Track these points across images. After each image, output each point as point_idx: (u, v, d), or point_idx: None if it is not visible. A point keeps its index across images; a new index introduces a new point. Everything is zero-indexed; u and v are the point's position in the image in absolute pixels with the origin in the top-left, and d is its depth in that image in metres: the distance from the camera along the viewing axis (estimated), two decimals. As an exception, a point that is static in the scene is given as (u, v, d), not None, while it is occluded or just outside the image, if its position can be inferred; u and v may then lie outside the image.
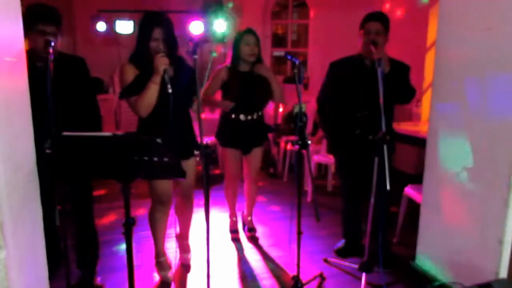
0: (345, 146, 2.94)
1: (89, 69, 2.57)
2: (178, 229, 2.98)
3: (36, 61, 2.27)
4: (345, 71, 2.89)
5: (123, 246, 1.86)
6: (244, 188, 3.36)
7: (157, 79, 2.35)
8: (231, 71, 3.05)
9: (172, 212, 2.75)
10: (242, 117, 3.05)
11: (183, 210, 2.86)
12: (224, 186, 3.36)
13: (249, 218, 3.46)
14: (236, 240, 3.37)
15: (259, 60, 3.07)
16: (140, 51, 2.45)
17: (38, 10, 2.28)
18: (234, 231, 3.46)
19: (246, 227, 3.49)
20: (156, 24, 2.40)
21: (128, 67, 2.44)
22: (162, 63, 2.33)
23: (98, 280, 2.72)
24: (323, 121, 3.13)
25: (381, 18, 2.74)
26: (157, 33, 2.39)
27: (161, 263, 2.80)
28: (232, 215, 3.48)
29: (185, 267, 2.89)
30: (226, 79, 3.05)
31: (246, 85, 3.02)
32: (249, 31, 3.04)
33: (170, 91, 2.33)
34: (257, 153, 3.20)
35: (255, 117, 3.09)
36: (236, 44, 3.02)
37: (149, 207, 2.72)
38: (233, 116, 3.06)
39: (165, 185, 2.61)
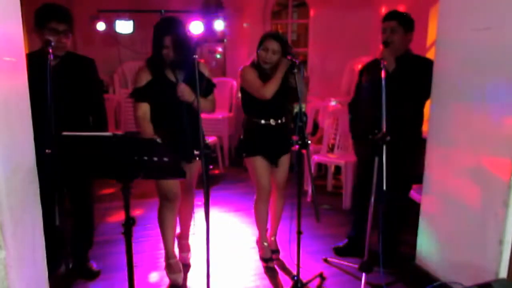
0: (366, 148, 2.90)
1: (97, 71, 2.64)
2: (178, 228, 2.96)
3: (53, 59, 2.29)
4: (367, 73, 2.90)
5: (123, 246, 1.87)
6: (270, 203, 2.98)
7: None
8: (259, 71, 2.74)
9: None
10: (272, 121, 2.77)
11: (183, 208, 2.84)
12: (255, 202, 2.93)
13: (272, 238, 3.10)
14: (271, 269, 2.91)
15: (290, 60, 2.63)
16: (155, 56, 2.51)
17: (51, 8, 2.36)
18: (267, 259, 2.95)
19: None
20: (167, 32, 2.44)
21: (144, 72, 2.53)
22: (181, 94, 2.45)
23: (94, 265, 2.79)
24: (351, 125, 3.12)
25: (396, 16, 2.72)
26: (168, 40, 2.43)
27: (171, 265, 2.74)
28: (263, 240, 3.00)
29: (184, 266, 2.88)
30: (258, 76, 2.74)
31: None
32: (273, 35, 2.71)
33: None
34: (285, 161, 2.90)
35: (284, 120, 2.82)
36: (258, 46, 2.73)
37: (158, 206, 2.72)
38: (262, 122, 2.77)
39: (170, 182, 2.60)
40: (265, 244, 3.00)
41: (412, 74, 2.65)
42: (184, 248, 2.98)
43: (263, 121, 2.77)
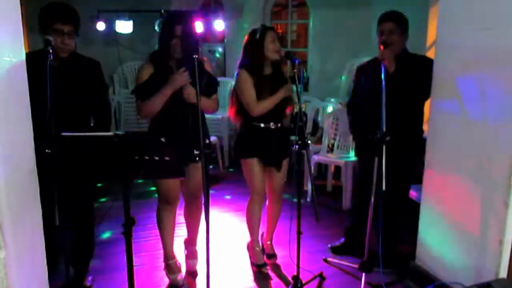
0: (368, 149, 2.91)
1: (103, 74, 2.58)
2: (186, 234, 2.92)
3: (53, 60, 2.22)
4: (366, 73, 2.90)
5: (123, 246, 1.87)
6: (266, 208, 2.96)
7: (168, 91, 2.37)
8: (255, 75, 2.68)
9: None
10: (272, 125, 2.71)
11: (191, 212, 2.78)
12: (248, 204, 2.88)
13: (268, 242, 3.06)
14: (264, 275, 2.85)
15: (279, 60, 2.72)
16: (160, 50, 2.47)
17: (56, 9, 2.28)
18: (260, 265, 2.88)
19: (264, 253, 3.01)
20: (179, 22, 2.41)
21: (146, 66, 2.47)
22: (181, 80, 2.36)
23: (88, 280, 2.69)
24: (351, 124, 3.11)
25: (393, 18, 2.72)
26: (179, 30, 2.40)
27: (170, 265, 2.74)
28: (255, 243, 2.93)
29: (191, 273, 2.83)
30: (254, 84, 2.68)
31: (273, 89, 2.69)
32: (269, 27, 2.73)
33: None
34: (285, 166, 2.85)
35: (283, 123, 2.78)
36: (259, 43, 2.64)
37: (156, 207, 2.70)
38: (262, 125, 2.71)
39: (171, 184, 2.57)
40: (257, 249, 2.92)
41: (412, 74, 2.65)
42: (192, 254, 2.88)
43: (262, 125, 2.71)
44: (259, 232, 2.95)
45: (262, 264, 2.90)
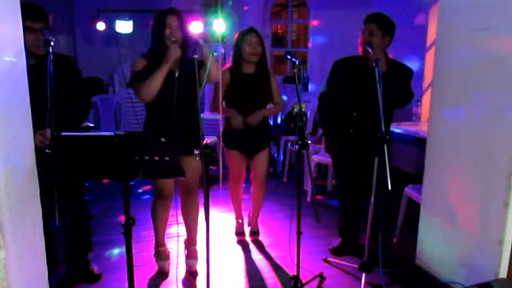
0: (341, 146, 2.95)
1: (77, 68, 2.59)
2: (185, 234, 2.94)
3: (28, 58, 2.22)
4: (346, 69, 2.89)
5: (123, 246, 1.87)
6: (251, 192, 3.33)
7: (165, 68, 2.42)
8: (234, 74, 2.96)
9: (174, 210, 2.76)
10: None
11: (188, 210, 2.82)
12: (229, 186, 3.33)
13: (254, 220, 3.42)
14: (242, 242, 3.33)
15: (263, 61, 2.96)
16: (154, 46, 2.53)
17: (25, 7, 2.25)
18: (240, 233, 3.41)
19: (249, 229, 3.45)
20: (169, 12, 2.49)
21: (140, 60, 2.55)
22: (174, 52, 2.41)
23: (95, 268, 2.77)
24: (322, 119, 3.13)
25: (376, 19, 2.72)
26: (171, 19, 2.47)
27: (159, 252, 2.87)
28: (238, 217, 3.43)
29: (191, 274, 2.83)
30: (229, 82, 2.97)
31: (249, 88, 2.94)
32: (251, 29, 2.94)
33: (176, 75, 2.45)
34: (262, 157, 3.15)
35: (261, 120, 3.03)
36: (238, 44, 2.93)
37: (152, 201, 2.80)
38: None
39: (166, 181, 2.67)
40: (240, 221, 3.41)
41: (398, 78, 2.67)
42: (192, 254, 2.89)
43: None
44: (240, 208, 3.39)
45: (241, 233, 3.38)
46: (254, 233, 3.39)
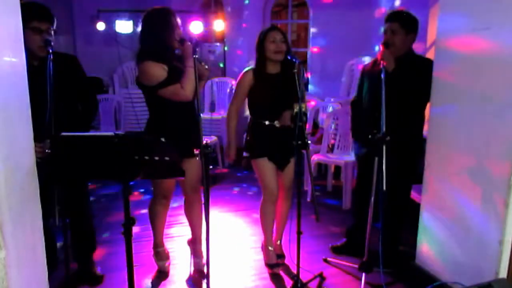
0: (365, 148, 2.92)
1: (82, 67, 2.57)
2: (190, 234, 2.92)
3: (31, 59, 2.20)
4: (368, 73, 2.91)
5: (123, 246, 1.87)
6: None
7: (191, 63, 2.35)
8: (258, 74, 2.73)
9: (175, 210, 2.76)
10: (277, 123, 2.72)
11: (192, 207, 2.79)
12: (261, 204, 2.85)
13: (278, 242, 3.01)
14: (276, 275, 2.85)
15: (290, 60, 2.61)
16: (158, 46, 2.50)
17: (32, 7, 2.26)
18: (272, 265, 2.89)
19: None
20: (172, 12, 2.50)
21: (154, 64, 2.47)
22: (188, 48, 2.41)
23: (97, 270, 2.76)
24: (351, 124, 3.14)
25: (398, 17, 2.71)
26: (175, 19, 2.49)
27: (159, 253, 2.85)
28: (268, 243, 2.91)
29: (199, 273, 2.81)
30: (253, 84, 2.74)
31: (276, 88, 2.70)
32: (274, 27, 2.76)
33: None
34: (292, 163, 2.84)
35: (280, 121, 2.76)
36: (261, 43, 2.70)
37: (150, 200, 2.78)
38: (266, 123, 2.73)
39: (168, 180, 2.66)
40: (270, 248, 2.91)
41: (412, 75, 2.64)
42: (198, 253, 2.84)
43: (267, 123, 2.73)
44: (272, 232, 2.93)
45: (274, 264, 2.89)
46: (279, 257, 2.96)
